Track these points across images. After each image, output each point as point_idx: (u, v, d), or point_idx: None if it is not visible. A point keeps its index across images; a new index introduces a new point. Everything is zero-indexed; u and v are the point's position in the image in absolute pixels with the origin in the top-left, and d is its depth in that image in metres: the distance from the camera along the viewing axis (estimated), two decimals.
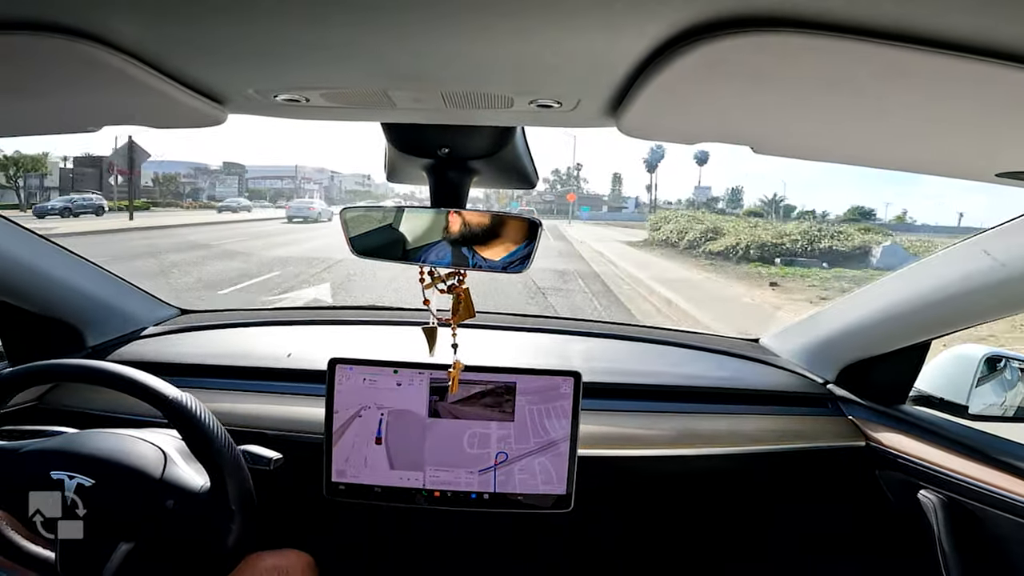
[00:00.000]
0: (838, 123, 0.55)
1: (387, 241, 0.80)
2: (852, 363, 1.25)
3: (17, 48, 0.43)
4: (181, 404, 0.84)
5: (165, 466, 0.86)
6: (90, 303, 1.26)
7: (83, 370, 0.87)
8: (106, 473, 0.83)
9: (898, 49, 0.38)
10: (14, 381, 0.88)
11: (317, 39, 0.44)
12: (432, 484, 1.05)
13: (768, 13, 0.37)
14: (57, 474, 0.83)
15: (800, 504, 1.28)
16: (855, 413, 1.24)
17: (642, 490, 1.22)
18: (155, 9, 0.39)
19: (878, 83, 0.44)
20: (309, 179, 60.79)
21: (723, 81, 0.46)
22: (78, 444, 0.86)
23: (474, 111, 0.62)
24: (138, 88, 0.49)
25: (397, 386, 1.04)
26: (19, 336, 1.22)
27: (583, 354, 1.39)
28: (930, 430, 1.11)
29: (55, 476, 0.82)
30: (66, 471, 0.83)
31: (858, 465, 1.19)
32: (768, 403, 1.28)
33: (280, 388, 1.21)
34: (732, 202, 58.03)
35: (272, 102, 0.58)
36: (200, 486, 0.85)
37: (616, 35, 0.42)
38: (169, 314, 1.47)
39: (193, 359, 1.27)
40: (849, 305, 1.23)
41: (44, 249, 1.14)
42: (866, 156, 0.68)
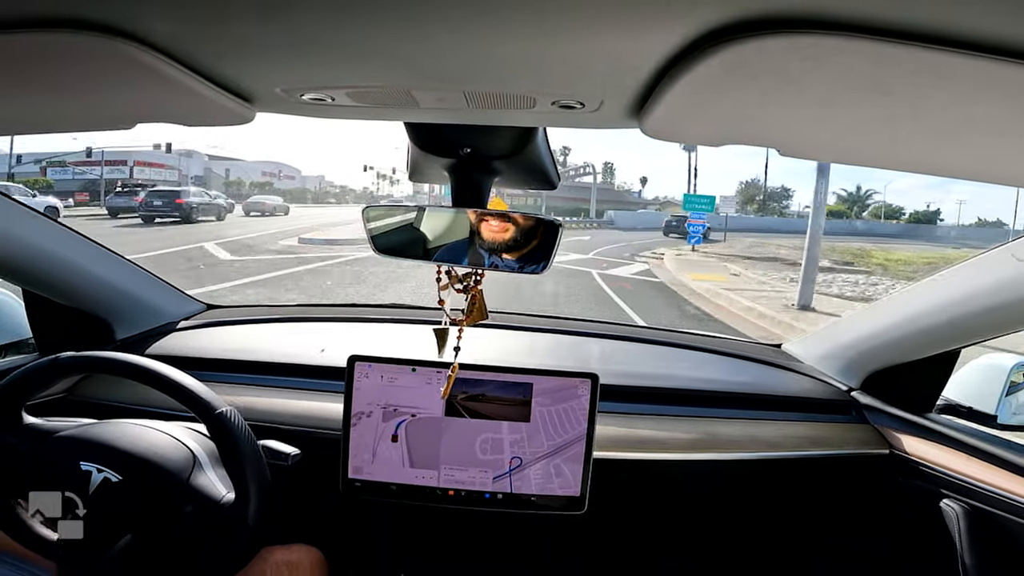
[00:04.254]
0: (868, 125, 0.54)
1: (408, 240, 0.81)
2: (878, 370, 1.23)
3: (55, 46, 0.44)
4: (225, 420, 0.85)
5: (192, 471, 0.87)
6: (120, 297, 1.30)
7: (138, 369, 0.87)
8: (134, 471, 0.84)
9: (932, 51, 0.37)
10: (72, 366, 0.89)
11: (344, 39, 0.44)
12: (446, 483, 1.05)
13: (799, 14, 0.36)
14: (87, 465, 0.84)
15: (819, 511, 1.26)
16: (879, 421, 1.22)
17: (657, 494, 1.22)
18: (189, 8, 0.40)
19: (911, 85, 0.43)
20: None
21: (750, 82, 0.46)
22: (112, 436, 0.87)
23: (496, 111, 0.62)
24: (171, 86, 0.50)
25: (415, 384, 1.04)
26: (50, 328, 1.26)
27: (601, 356, 1.39)
28: (956, 439, 1.09)
29: (84, 467, 0.84)
30: (96, 463, 0.84)
31: (880, 473, 1.17)
32: (789, 409, 1.26)
33: (300, 384, 1.23)
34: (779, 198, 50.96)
35: (299, 101, 0.59)
36: (222, 496, 0.86)
37: (641, 35, 0.41)
38: (196, 309, 1.51)
39: (217, 354, 1.29)
40: (877, 312, 1.21)
41: (75, 242, 1.17)
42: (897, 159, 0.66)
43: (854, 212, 43.15)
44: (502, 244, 0.77)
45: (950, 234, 38.24)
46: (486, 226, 0.77)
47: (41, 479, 0.86)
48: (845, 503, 1.24)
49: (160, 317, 1.40)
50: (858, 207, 44.25)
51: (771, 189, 49.06)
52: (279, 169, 45.57)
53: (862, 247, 21.30)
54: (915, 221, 42.57)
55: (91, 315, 1.27)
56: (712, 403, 1.25)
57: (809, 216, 9.32)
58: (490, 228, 0.78)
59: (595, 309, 7.49)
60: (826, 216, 43.75)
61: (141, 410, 1.09)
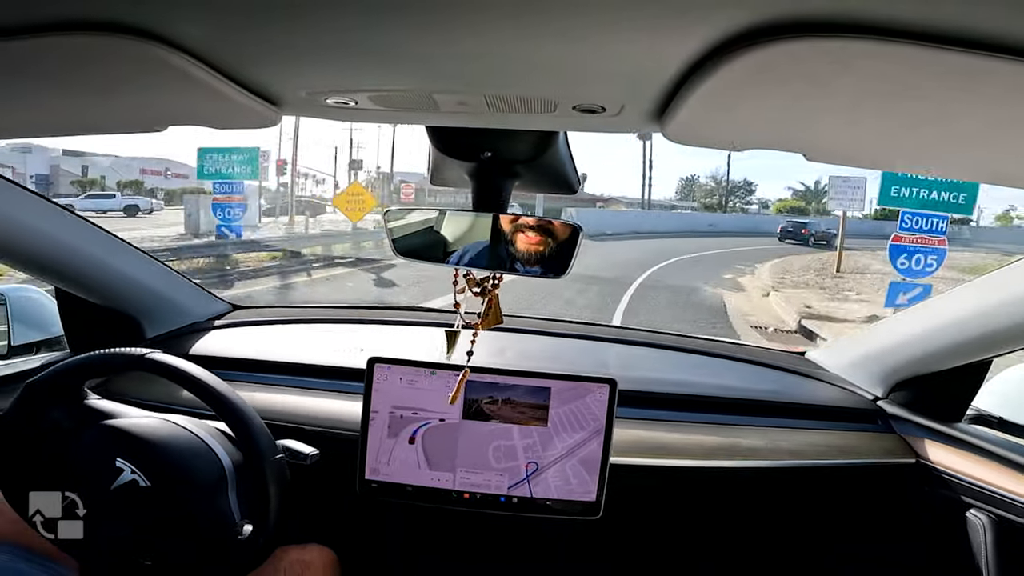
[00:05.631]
0: (898, 129, 0.53)
1: (428, 242, 0.81)
2: (906, 379, 1.20)
3: (91, 49, 0.45)
4: (274, 467, 0.86)
5: (218, 491, 0.86)
6: (149, 296, 1.33)
7: (213, 396, 0.88)
8: (166, 482, 0.83)
9: (963, 54, 0.36)
10: (154, 367, 0.89)
11: (368, 43, 0.45)
12: (462, 486, 1.05)
13: (825, 18, 0.36)
14: (121, 463, 0.83)
15: (842, 520, 1.24)
16: (906, 430, 1.19)
17: (675, 501, 1.21)
18: (221, 12, 0.41)
19: (942, 89, 0.42)
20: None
21: (776, 86, 0.45)
22: (155, 436, 0.86)
23: (517, 115, 0.62)
24: (201, 89, 0.52)
25: (434, 387, 1.05)
26: (82, 326, 1.29)
27: (620, 361, 1.38)
28: (986, 449, 1.06)
29: (118, 464, 0.83)
30: (131, 463, 0.83)
31: (905, 482, 1.15)
32: (813, 417, 1.24)
33: (320, 385, 1.24)
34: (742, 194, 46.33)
35: (323, 104, 0.60)
36: (238, 521, 0.86)
37: (664, 39, 0.41)
38: (222, 309, 1.53)
39: (241, 354, 1.32)
40: (905, 321, 1.19)
41: (107, 241, 1.20)
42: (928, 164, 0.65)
43: (812, 207, 41.42)
44: (522, 248, 0.78)
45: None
46: (506, 230, 0.78)
47: (72, 463, 0.86)
48: (869, 512, 1.22)
49: (188, 316, 1.43)
50: (816, 202, 42.44)
51: (732, 183, 46.40)
52: (166, 167, 40.97)
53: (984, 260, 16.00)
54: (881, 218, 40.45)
55: (122, 313, 1.30)
56: (733, 410, 1.24)
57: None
58: (511, 232, 0.78)
59: None
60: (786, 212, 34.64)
61: (172, 408, 1.11)
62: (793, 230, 22.99)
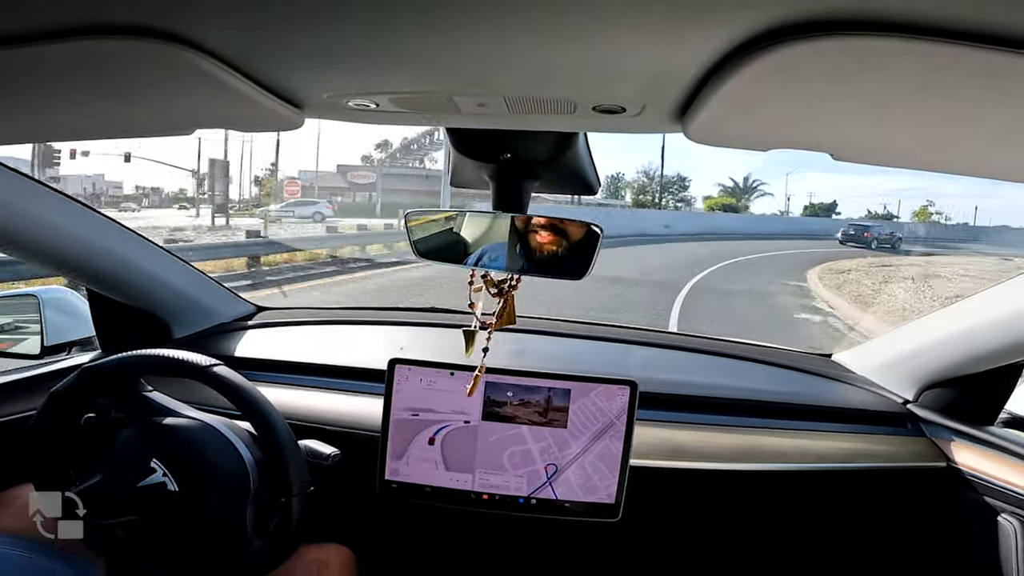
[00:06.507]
0: (926, 128, 0.52)
1: (448, 243, 0.82)
2: (937, 382, 1.18)
3: (120, 53, 0.46)
4: (301, 501, 0.87)
5: (242, 503, 0.87)
6: (177, 297, 1.35)
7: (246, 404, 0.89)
8: (195, 491, 0.85)
9: (991, 52, 0.35)
10: (210, 381, 0.90)
11: (390, 45, 0.45)
12: (481, 487, 1.06)
13: (849, 16, 0.35)
14: (156, 464, 0.85)
15: (869, 524, 1.21)
16: (936, 434, 1.17)
17: (697, 503, 1.19)
18: (247, 16, 0.42)
19: (970, 86, 0.41)
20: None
21: (800, 85, 0.44)
22: (194, 443, 0.88)
23: (536, 116, 0.62)
24: (227, 92, 0.52)
25: (454, 388, 1.05)
26: (112, 326, 1.33)
27: (641, 363, 1.37)
28: (1019, 453, 1.03)
29: (153, 464, 0.85)
30: (166, 466, 0.85)
31: (935, 487, 1.13)
32: (840, 420, 1.22)
33: (342, 385, 1.26)
34: (676, 189, 43.51)
35: (345, 107, 0.60)
36: (253, 530, 0.86)
37: (686, 39, 0.41)
38: (247, 310, 1.56)
39: (266, 355, 1.34)
40: (936, 323, 1.16)
41: (136, 243, 1.23)
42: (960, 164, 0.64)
43: (742, 203, 39.95)
44: (542, 249, 0.78)
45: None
46: (526, 231, 0.78)
47: (110, 452, 0.88)
48: (897, 517, 1.20)
49: (214, 317, 1.46)
50: (746, 198, 40.92)
51: (666, 179, 43.70)
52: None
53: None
54: (812, 214, 38.39)
55: (151, 314, 1.33)
56: (756, 413, 1.22)
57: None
58: (530, 233, 0.78)
59: None
60: (717, 210, 32.82)
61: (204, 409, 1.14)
62: (855, 234, 22.39)
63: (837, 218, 34.09)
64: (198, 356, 0.91)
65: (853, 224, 23.54)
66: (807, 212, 38.42)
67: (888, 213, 41.95)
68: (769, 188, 47.55)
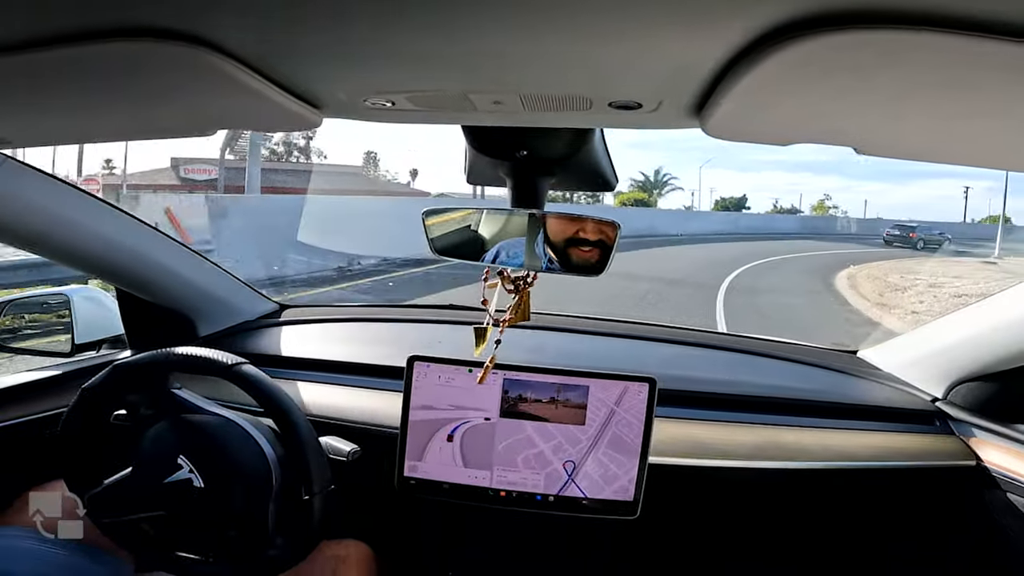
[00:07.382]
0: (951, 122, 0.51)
1: (466, 240, 0.82)
2: (967, 379, 1.15)
3: (143, 56, 0.47)
4: (322, 502, 0.88)
5: (266, 499, 0.88)
6: (202, 295, 1.38)
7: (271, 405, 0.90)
8: (220, 487, 0.86)
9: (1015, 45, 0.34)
10: (238, 381, 0.91)
11: (407, 45, 0.46)
12: (499, 484, 1.06)
13: (871, 8, 0.34)
14: (183, 460, 0.86)
15: (895, 523, 1.19)
16: (966, 432, 1.13)
17: (717, 501, 1.18)
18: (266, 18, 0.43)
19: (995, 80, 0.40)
20: None
21: (821, 79, 0.44)
22: (224, 438, 0.89)
23: (552, 113, 0.62)
24: (247, 93, 0.53)
25: (472, 385, 1.05)
26: (141, 325, 1.36)
27: (660, 360, 1.36)
28: None
29: (180, 461, 0.86)
30: (193, 463, 0.86)
31: (965, 486, 1.10)
32: (866, 418, 1.19)
33: (362, 382, 1.27)
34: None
35: (362, 106, 0.61)
36: (275, 527, 0.88)
37: (703, 34, 0.40)
38: (270, 308, 1.58)
39: (289, 352, 1.36)
40: (966, 319, 1.13)
41: (162, 243, 1.25)
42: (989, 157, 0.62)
43: (654, 197, 38.72)
44: (560, 246, 0.77)
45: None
46: (544, 227, 0.78)
47: (138, 448, 0.90)
48: (925, 515, 1.17)
49: (237, 315, 1.48)
50: (657, 192, 39.67)
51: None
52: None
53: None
54: (723, 208, 37.10)
55: (178, 312, 1.36)
56: (779, 410, 1.20)
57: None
58: (548, 230, 0.78)
59: None
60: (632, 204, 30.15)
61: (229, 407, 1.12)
62: (900, 234, 21.62)
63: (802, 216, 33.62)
64: (225, 354, 0.92)
65: (898, 225, 22.70)
66: (718, 207, 37.97)
67: (792, 207, 43.15)
68: (679, 183, 48.51)
